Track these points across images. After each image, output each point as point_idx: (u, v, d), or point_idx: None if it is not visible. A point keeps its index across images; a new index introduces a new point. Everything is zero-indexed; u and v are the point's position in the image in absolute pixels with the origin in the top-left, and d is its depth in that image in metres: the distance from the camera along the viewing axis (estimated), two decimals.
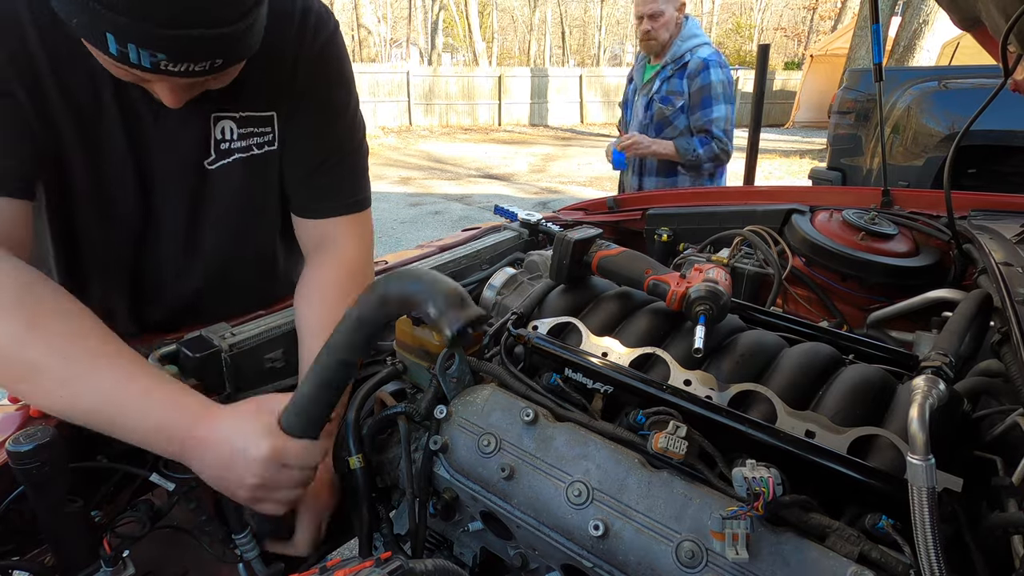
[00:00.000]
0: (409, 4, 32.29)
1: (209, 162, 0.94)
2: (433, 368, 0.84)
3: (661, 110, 2.65)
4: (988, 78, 3.73)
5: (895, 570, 0.57)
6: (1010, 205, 1.50)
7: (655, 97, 2.66)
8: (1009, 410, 0.73)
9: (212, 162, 0.94)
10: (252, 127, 0.96)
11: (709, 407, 0.75)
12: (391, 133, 15.06)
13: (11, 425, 0.75)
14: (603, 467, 0.71)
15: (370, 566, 0.47)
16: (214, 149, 0.93)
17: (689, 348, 0.82)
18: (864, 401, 0.74)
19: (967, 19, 1.16)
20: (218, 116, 0.92)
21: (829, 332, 0.96)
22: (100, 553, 0.75)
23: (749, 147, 2.78)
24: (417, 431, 0.89)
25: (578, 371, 0.85)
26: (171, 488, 0.81)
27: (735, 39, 39.26)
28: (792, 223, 1.55)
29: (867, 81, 4.50)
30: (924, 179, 3.98)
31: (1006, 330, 0.82)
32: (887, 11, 9.24)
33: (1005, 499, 0.64)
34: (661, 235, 1.72)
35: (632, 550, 0.65)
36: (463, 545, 0.91)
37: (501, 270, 1.17)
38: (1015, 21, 0.89)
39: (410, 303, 0.65)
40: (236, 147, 0.95)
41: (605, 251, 1.00)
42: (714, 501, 0.65)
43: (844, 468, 0.65)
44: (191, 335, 0.91)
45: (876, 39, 1.66)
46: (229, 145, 0.95)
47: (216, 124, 0.92)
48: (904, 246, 1.41)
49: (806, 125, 17.86)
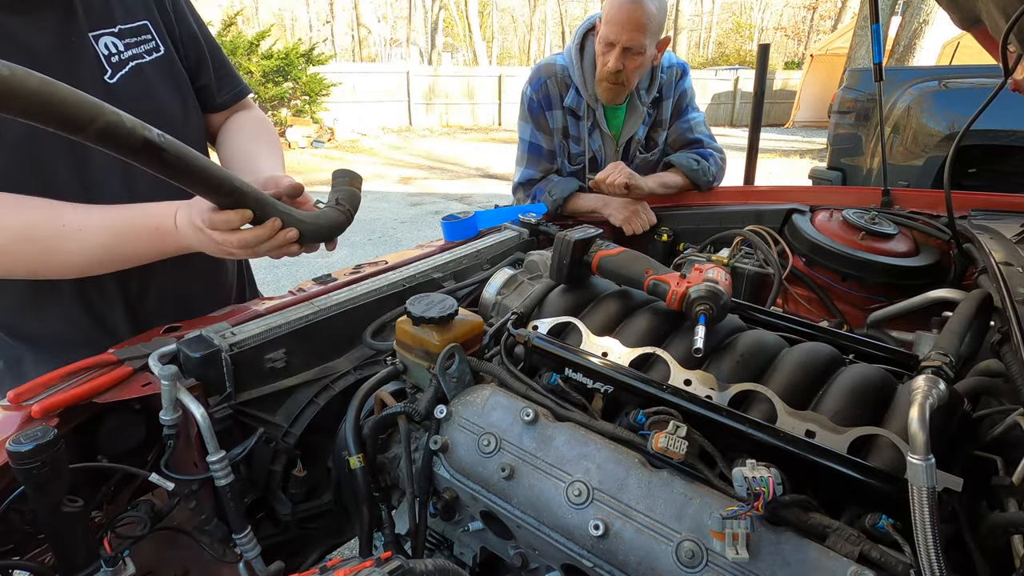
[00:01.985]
0: (409, 4, 32.26)
1: (108, 76, 1.00)
2: (433, 368, 0.84)
3: (646, 158, 2.00)
4: (988, 78, 3.73)
5: (895, 570, 0.57)
6: (1010, 205, 1.50)
7: (639, 146, 1.98)
8: (1009, 410, 0.73)
9: (111, 76, 1.00)
10: (131, 37, 1.04)
11: (709, 407, 0.75)
12: (391, 133, 15.06)
13: (11, 425, 0.76)
14: (603, 467, 0.71)
15: (370, 566, 0.47)
16: (107, 63, 1.00)
17: (689, 348, 0.81)
18: (864, 401, 0.74)
19: (967, 19, 1.16)
20: (96, 35, 0.99)
21: (829, 332, 0.96)
22: (100, 553, 0.75)
23: (749, 147, 2.76)
24: (417, 431, 0.89)
25: (578, 371, 0.85)
26: (171, 488, 0.81)
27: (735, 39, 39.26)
28: (792, 223, 1.55)
29: (867, 81, 4.50)
30: (924, 179, 3.98)
31: (1006, 330, 0.82)
32: (887, 11, 9.24)
33: (1005, 499, 0.64)
34: (661, 235, 1.72)
35: (632, 550, 0.65)
36: (463, 545, 0.91)
37: (501, 270, 1.17)
38: (1015, 21, 0.89)
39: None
40: (127, 56, 1.03)
41: (605, 251, 1.00)
42: (714, 501, 0.65)
43: (844, 468, 0.65)
44: (191, 335, 0.91)
45: (876, 39, 1.66)
46: (119, 57, 1.02)
47: (99, 42, 0.99)
48: (904, 246, 1.41)
49: (806, 125, 17.87)
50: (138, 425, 0.89)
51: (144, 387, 0.84)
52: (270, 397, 0.96)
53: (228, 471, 0.84)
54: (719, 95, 20.11)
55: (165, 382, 0.79)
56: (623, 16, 1.65)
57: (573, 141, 1.97)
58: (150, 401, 0.84)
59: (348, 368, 1.05)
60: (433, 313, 0.87)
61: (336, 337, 1.06)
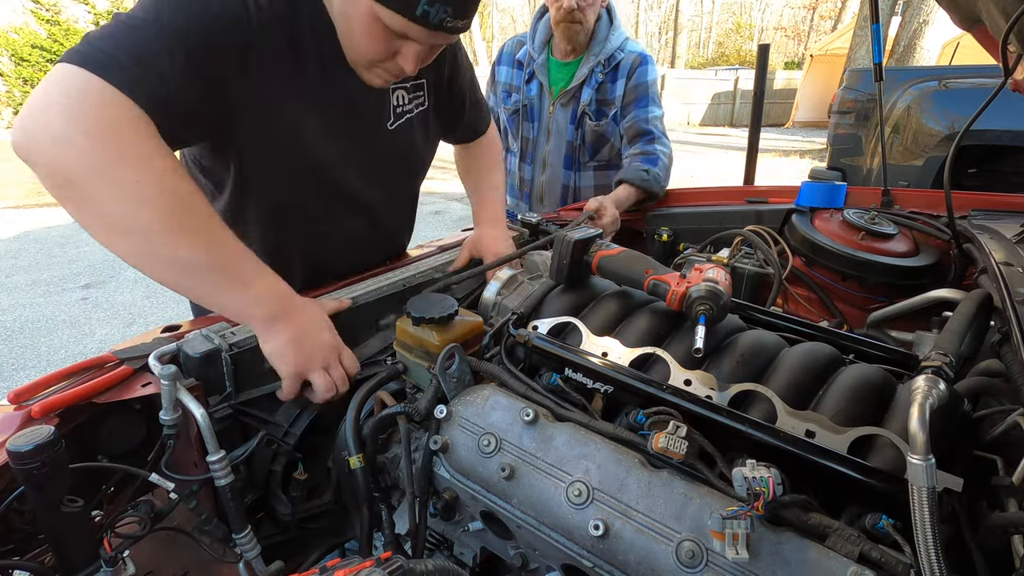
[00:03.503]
0: None
1: (390, 124, 1.17)
2: (433, 368, 0.84)
3: (594, 128, 2.04)
4: (988, 78, 3.74)
5: (895, 570, 0.57)
6: (1010, 205, 1.50)
7: (587, 111, 2.02)
8: (1009, 410, 0.73)
9: (392, 123, 1.18)
10: (414, 92, 1.21)
11: (709, 407, 0.75)
12: None
13: (11, 425, 0.76)
14: (603, 467, 0.71)
15: (370, 566, 0.47)
16: (393, 113, 1.17)
17: (689, 348, 0.81)
18: (864, 401, 0.74)
19: (967, 19, 1.16)
20: (394, 87, 1.15)
21: (829, 332, 0.96)
22: (100, 553, 0.75)
23: (749, 147, 2.76)
24: (417, 431, 0.89)
25: (578, 371, 0.85)
26: (171, 488, 0.81)
27: (735, 39, 39.27)
28: (792, 223, 1.55)
29: (867, 81, 4.50)
30: (924, 179, 3.99)
31: (1006, 330, 0.82)
32: (887, 11, 9.25)
33: (1005, 499, 0.64)
34: (661, 235, 1.72)
35: (632, 550, 0.65)
36: (463, 545, 0.91)
37: (501, 270, 1.17)
38: (1015, 21, 0.88)
39: None
40: (407, 108, 1.20)
41: (605, 251, 1.00)
42: (714, 501, 0.65)
43: (844, 468, 0.65)
44: (191, 334, 0.91)
45: (876, 39, 1.66)
46: (402, 108, 1.19)
47: (394, 94, 1.16)
48: (904, 246, 1.41)
49: (806, 125, 17.87)
50: (138, 425, 0.89)
51: (144, 387, 0.84)
52: (270, 397, 0.95)
53: (228, 471, 0.84)
54: (719, 95, 20.09)
55: (165, 382, 0.79)
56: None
57: (515, 91, 2.19)
58: (150, 401, 0.84)
59: None
60: (433, 313, 0.87)
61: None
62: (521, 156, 2.25)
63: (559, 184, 2.19)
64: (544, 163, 2.20)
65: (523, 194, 2.30)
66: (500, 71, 2.23)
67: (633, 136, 1.97)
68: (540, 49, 2.09)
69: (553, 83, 2.10)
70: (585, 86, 2.01)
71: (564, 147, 2.13)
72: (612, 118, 2.02)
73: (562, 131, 2.11)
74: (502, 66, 2.22)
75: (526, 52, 2.13)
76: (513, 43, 2.20)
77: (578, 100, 2.03)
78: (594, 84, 2.00)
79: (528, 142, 2.20)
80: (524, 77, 2.12)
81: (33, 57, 14.32)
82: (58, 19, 14.77)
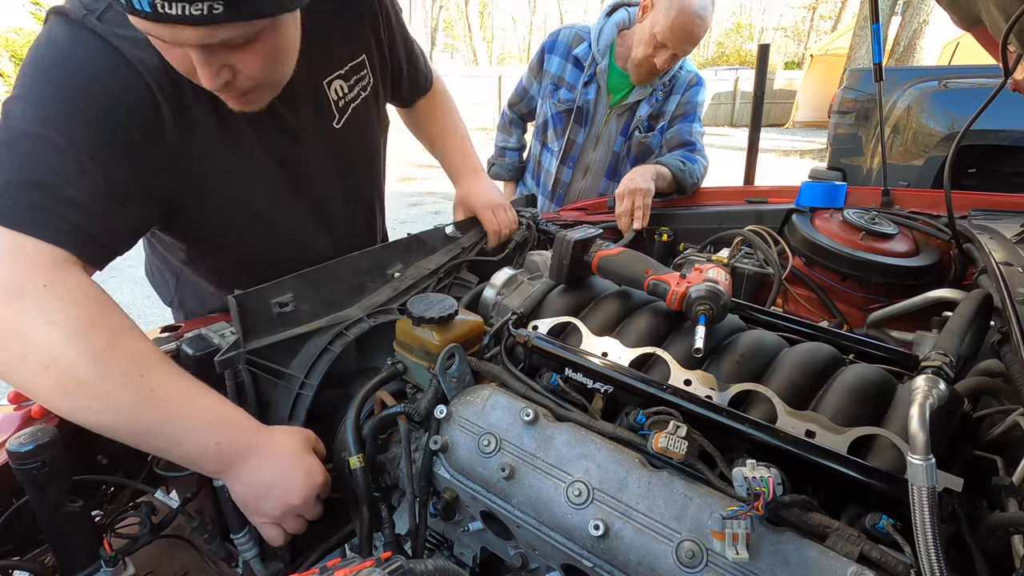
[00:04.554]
0: (409, 4, 32.24)
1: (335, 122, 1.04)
2: (433, 368, 0.84)
3: (641, 140, 2.04)
4: (988, 78, 3.73)
5: (895, 570, 0.57)
6: (1010, 205, 1.50)
7: (639, 126, 2.02)
8: (1009, 410, 0.73)
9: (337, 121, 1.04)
10: (354, 75, 1.06)
11: (709, 407, 0.75)
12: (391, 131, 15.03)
13: (11, 425, 0.76)
14: (603, 467, 0.71)
15: (370, 566, 0.47)
16: (336, 108, 1.03)
17: (689, 348, 0.81)
18: (864, 401, 0.74)
19: (967, 19, 1.16)
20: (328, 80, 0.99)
21: (829, 332, 0.96)
22: (100, 553, 0.75)
23: (749, 147, 2.76)
24: (417, 431, 0.89)
25: (578, 371, 0.85)
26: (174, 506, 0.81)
27: (735, 39, 39.26)
28: (792, 223, 1.55)
29: (867, 81, 4.50)
30: (924, 179, 3.98)
31: (1006, 330, 0.82)
32: (887, 11, 9.24)
33: (1005, 499, 0.64)
34: (661, 235, 1.72)
35: (632, 550, 0.65)
36: (463, 545, 0.91)
37: (501, 270, 1.17)
38: (1015, 21, 0.88)
39: None
40: (349, 99, 1.06)
41: (605, 251, 1.00)
42: (714, 501, 0.65)
43: (844, 468, 0.65)
44: (191, 334, 0.91)
45: (876, 39, 1.66)
46: (344, 100, 1.04)
47: (330, 88, 1.00)
48: (904, 246, 1.41)
49: (806, 125, 17.87)
50: None
51: None
52: (282, 345, 0.92)
53: None
54: (719, 95, 20.11)
55: None
56: (688, 31, 1.75)
57: (567, 88, 2.06)
58: None
59: (360, 315, 1.02)
60: (433, 313, 0.87)
61: (345, 285, 1.05)
62: (562, 158, 2.15)
63: (595, 192, 2.17)
64: (587, 170, 2.15)
65: (556, 196, 2.23)
66: (551, 61, 2.07)
67: (675, 146, 2.00)
68: (604, 53, 1.98)
69: (612, 90, 2.03)
70: (644, 101, 2.00)
71: (610, 157, 2.11)
72: (659, 130, 2.04)
73: (612, 140, 2.08)
74: (555, 56, 2.07)
75: (586, 51, 2.00)
76: (571, 34, 2.04)
77: (634, 113, 2.02)
78: (654, 101, 2.00)
79: (573, 144, 2.12)
80: (583, 79, 2.02)
81: None
82: None
